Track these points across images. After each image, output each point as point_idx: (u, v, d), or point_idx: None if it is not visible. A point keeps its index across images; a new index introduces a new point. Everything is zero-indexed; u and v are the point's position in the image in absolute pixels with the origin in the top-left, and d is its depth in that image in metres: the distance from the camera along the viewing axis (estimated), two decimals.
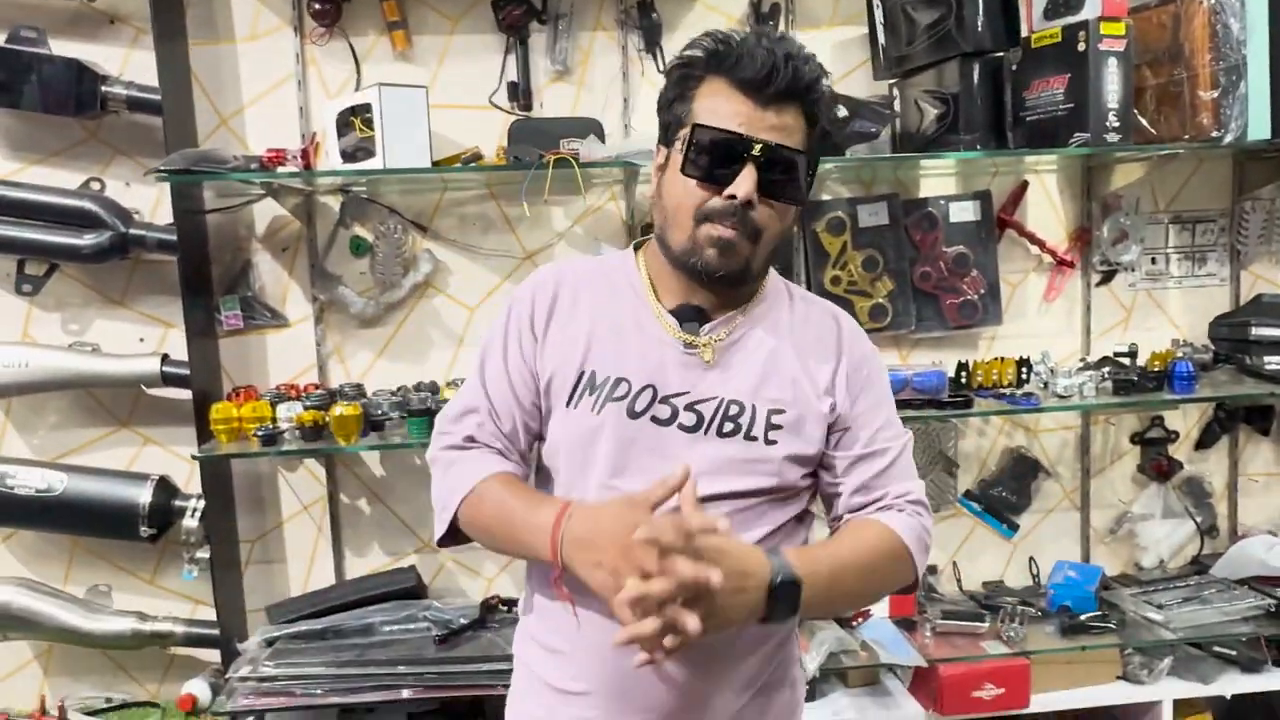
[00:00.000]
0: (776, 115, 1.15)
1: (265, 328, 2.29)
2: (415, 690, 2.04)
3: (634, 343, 1.23)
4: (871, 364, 1.29)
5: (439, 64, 2.26)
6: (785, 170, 1.16)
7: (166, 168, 1.93)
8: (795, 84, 1.14)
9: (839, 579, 1.15)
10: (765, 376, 1.23)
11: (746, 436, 1.20)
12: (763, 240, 1.19)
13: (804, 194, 1.20)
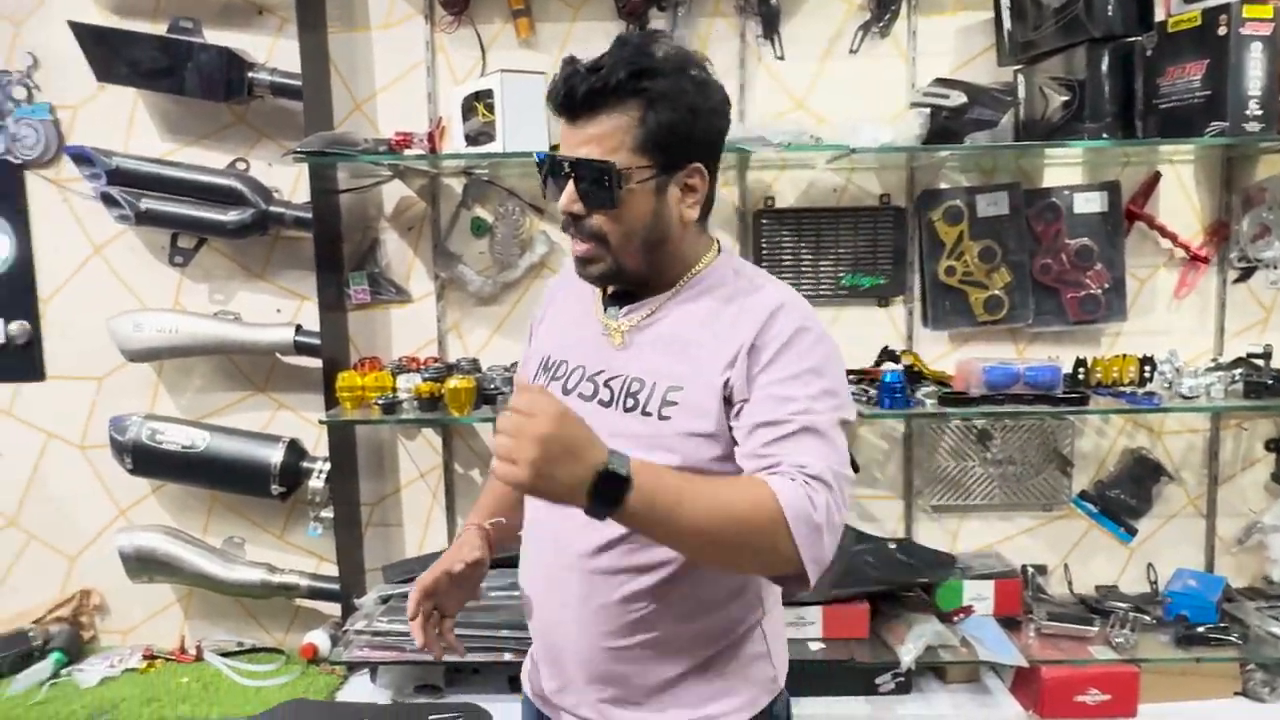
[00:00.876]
0: (588, 128, 1.19)
1: (390, 302, 2.41)
2: (516, 654, 2.13)
3: (575, 327, 1.34)
4: (789, 342, 1.22)
5: (560, 50, 2.32)
6: (594, 180, 1.20)
7: (304, 149, 2.06)
8: (595, 93, 1.18)
9: (681, 506, 1.07)
10: (671, 356, 1.25)
11: (643, 412, 1.23)
12: (614, 243, 1.23)
13: (613, 198, 1.20)
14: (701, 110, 1.22)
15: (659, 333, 1.27)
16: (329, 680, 2.30)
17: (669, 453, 1.20)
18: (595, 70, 1.18)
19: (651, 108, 1.18)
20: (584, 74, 1.18)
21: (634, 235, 1.23)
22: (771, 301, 1.24)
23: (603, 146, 1.19)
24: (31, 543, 2.51)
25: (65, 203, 2.40)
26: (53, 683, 2.28)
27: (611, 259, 1.24)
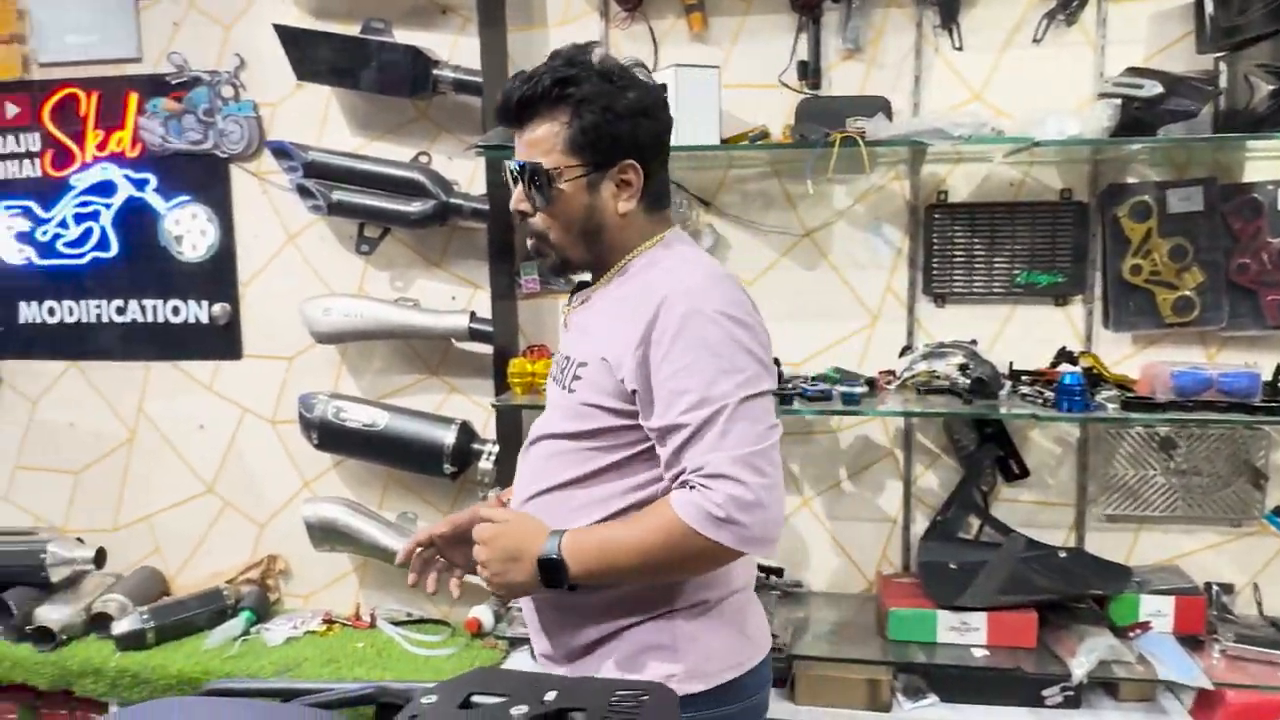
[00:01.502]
0: (529, 134, 1.34)
1: (559, 293, 2.47)
2: None
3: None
4: (678, 331, 1.27)
5: (731, 44, 2.33)
6: (530, 181, 1.34)
7: (485, 143, 2.14)
8: (526, 102, 1.32)
9: (610, 556, 1.28)
10: (588, 337, 1.38)
11: (565, 386, 1.39)
12: (554, 237, 1.36)
13: (547, 197, 1.33)
14: (625, 112, 1.32)
15: (589, 317, 1.40)
16: (491, 654, 2.39)
17: (575, 419, 1.36)
18: (527, 81, 1.32)
19: (577, 112, 1.31)
20: (518, 85, 1.33)
21: (571, 228, 1.36)
22: (659, 293, 1.30)
23: (538, 150, 1.33)
24: (226, 509, 2.71)
25: (264, 194, 2.57)
26: (244, 639, 2.46)
27: (555, 252, 1.38)
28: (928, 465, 2.38)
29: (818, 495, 2.43)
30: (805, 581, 2.43)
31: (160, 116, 2.55)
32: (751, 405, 1.27)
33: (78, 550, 2.57)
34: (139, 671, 2.35)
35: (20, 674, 2.40)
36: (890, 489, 2.39)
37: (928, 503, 2.38)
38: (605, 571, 1.29)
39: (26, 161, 2.65)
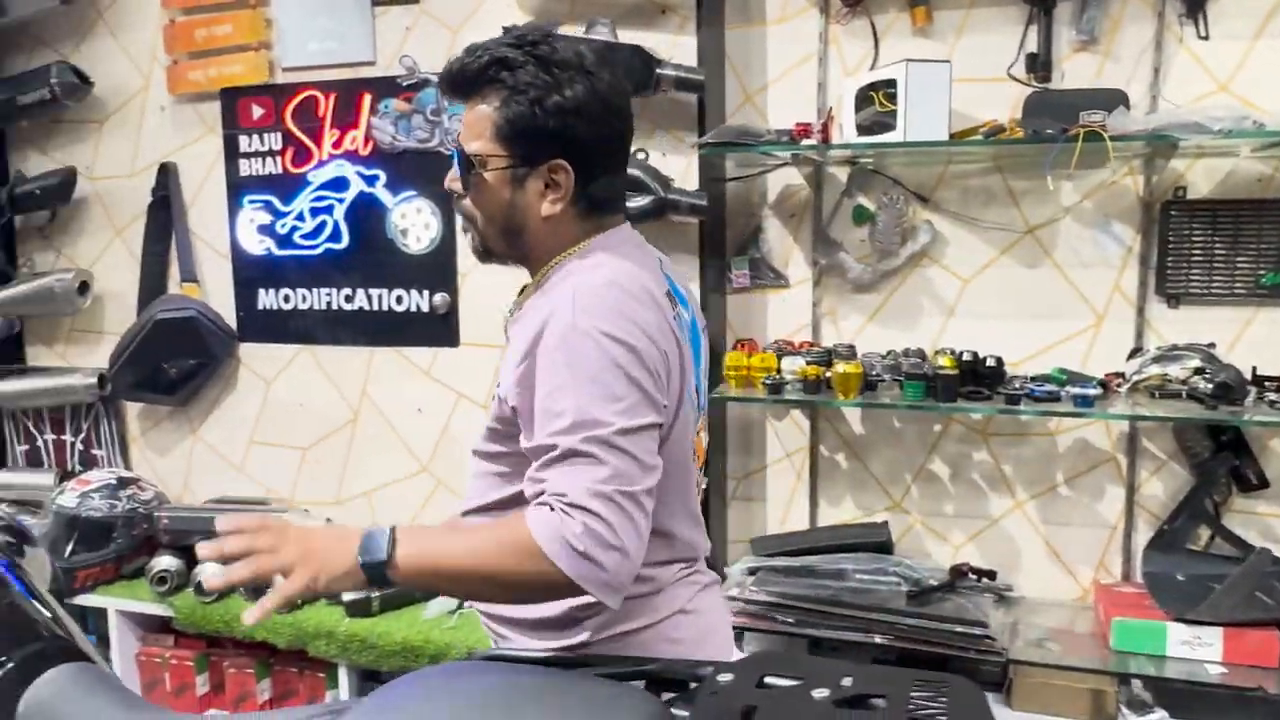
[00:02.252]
0: (468, 112, 1.27)
1: (768, 287, 2.49)
2: (887, 637, 2.15)
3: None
4: (557, 350, 1.18)
5: (956, 38, 2.29)
6: (458, 163, 1.28)
7: (715, 139, 2.18)
8: (463, 80, 1.25)
9: (443, 562, 1.17)
10: (509, 348, 1.30)
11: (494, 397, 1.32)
12: (480, 223, 1.31)
13: (466, 182, 1.28)
14: (556, 109, 1.22)
15: (520, 320, 1.31)
16: None
17: (491, 439, 1.32)
18: (470, 54, 1.25)
19: (507, 100, 1.23)
20: (461, 57, 1.26)
21: (492, 221, 1.30)
22: (551, 303, 1.22)
23: (473, 132, 1.26)
24: (439, 488, 2.86)
25: None
26: (459, 613, 2.59)
27: (479, 239, 1.33)
28: (1153, 472, 2.28)
29: (1031, 499, 2.37)
30: (1015, 585, 2.37)
31: (391, 116, 2.71)
32: (631, 439, 1.15)
33: (308, 521, 2.75)
34: (366, 637, 2.51)
35: (262, 633, 2.60)
36: (1111, 495, 2.31)
37: (1151, 511, 2.28)
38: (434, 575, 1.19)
39: (269, 159, 2.85)
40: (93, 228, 3.11)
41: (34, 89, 2.90)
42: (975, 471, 2.40)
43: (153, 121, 2.99)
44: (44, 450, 3.22)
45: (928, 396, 2.11)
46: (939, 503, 2.43)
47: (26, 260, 3.16)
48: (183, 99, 2.94)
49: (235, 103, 2.86)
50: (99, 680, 1.39)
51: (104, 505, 2.81)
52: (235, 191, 2.90)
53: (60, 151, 3.10)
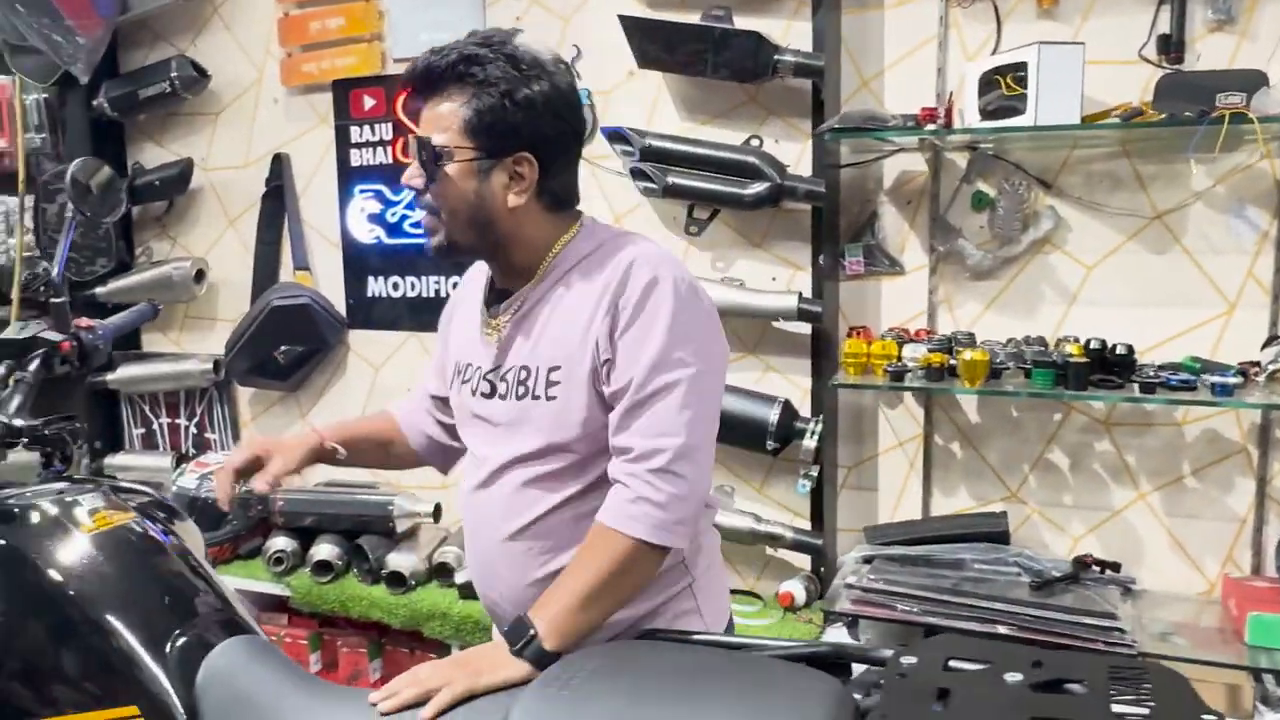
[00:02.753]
0: (430, 108, 1.32)
1: (882, 274, 2.47)
2: (1011, 628, 2.12)
3: (470, 329, 1.44)
4: (643, 298, 1.28)
5: (1083, 20, 2.24)
6: (423, 156, 1.31)
7: (841, 125, 2.16)
8: (429, 78, 1.30)
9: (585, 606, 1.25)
10: (547, 339, 1.34)
11: (533, 396, 1.34)
12: (444, 214, 1.32)
13: (433, 174, 1.31)
14: (525, 103, 1.28)
15: (532, 320, 1.36)
16: (807, 629, 2.43)
17: (551, 433, 1.33)
18: (437, 54, 1.30)
19: (477, 94, 1.28)
20: (428, 56, 1.30)
21: (458, 214, 1.32)
22: (630, 257, 1.31)
23: (437, 127, 1.31)
24: None
25: (594, 177, 2.70)
26: None
27: (445, 233, 1.34)
28: None
29: (1155, 490, 2.31)
30: (1138, 578, 2.32)
31: None
32: (701, 384, 1.29)
33: (418, 505, 2.80)
34: (480, 619, 2.54)
35: (378, 613, 2.65)
36: (1241, 487, 2.25)
37: None
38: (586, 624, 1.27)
39: (380, 149, 2.90)
40: (207, 217, 3.19)
41: (154, 83, 2.99)
42: (1096, 462, 2.35)
43: (266, 113, 3.06)
44: (159, 434, 3.32)
45: (1057, 385, 2.08)
46: (1058, 493, 2.39)
47: (144, 249, 3.26)
48: (295, 91, 3.00)
49: (347, 94, 2.91)
50: (269, 653, 1.43)
51: None
52: (346, 181, 2.96)
53: (176, 143, 3.19)
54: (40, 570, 1.39)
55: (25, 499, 1.49)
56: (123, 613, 1.38)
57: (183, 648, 1.37)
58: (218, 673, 1.35)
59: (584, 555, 1.28)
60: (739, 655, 1.25)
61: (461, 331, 1.48)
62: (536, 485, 1.36)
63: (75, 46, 2.90)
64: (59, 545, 1.42)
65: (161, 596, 1.44)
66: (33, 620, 1.37)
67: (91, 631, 1.36)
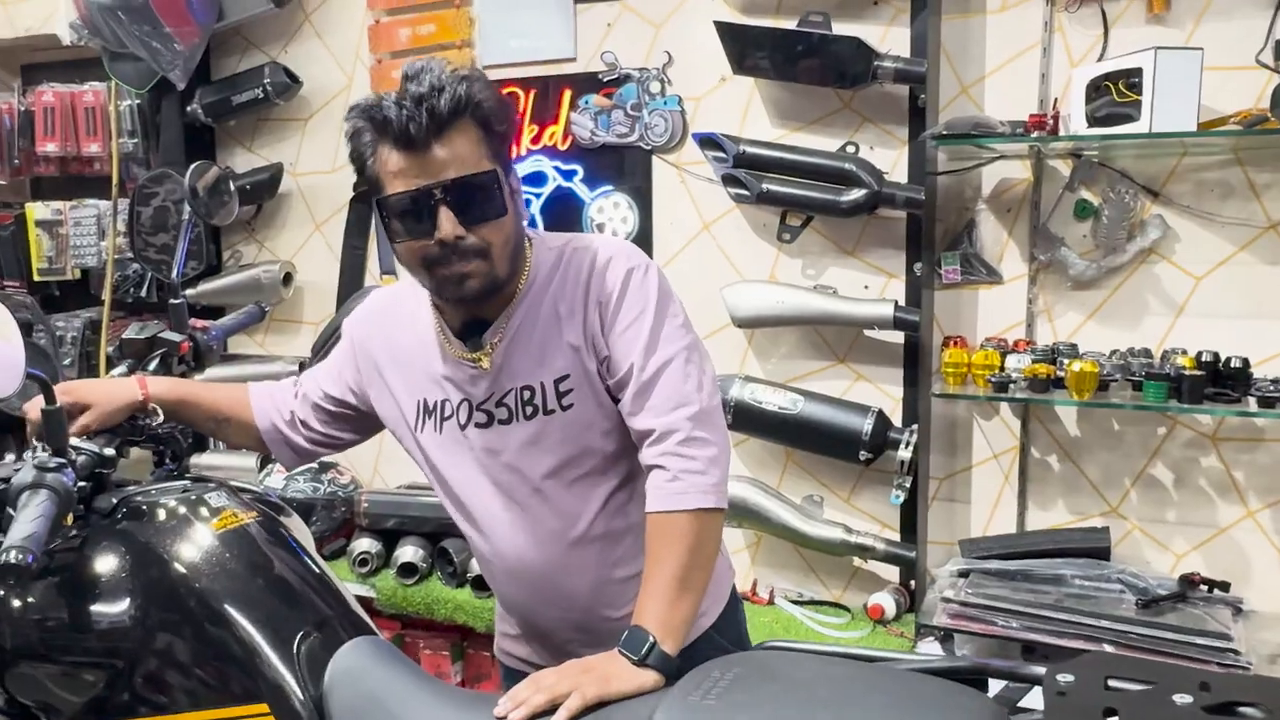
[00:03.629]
0: (441, 150, 1.23)
1: (980, 283, 2.43)
2: (1117, 647, 2.07)
3: (430, 369, 1.41)
4: (623, 289, 1.33)
5: (1195, 24, 2.18)
6: (477, 193, 1.25)
7: (949, 131, 2.13)
8: (436, 119, 1.21)
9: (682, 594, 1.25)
10: (544, 352, 1.35)
11: (545, 412, 1.35)
12: (495, 251, 1.28)
13: (502, 201, 1.28)
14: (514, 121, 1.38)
15: (521, 339, 1.36)
16: (899, 642, 2.39)
17: (574, 442, 1.36)
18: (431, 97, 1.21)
19: (489, 122, 1.27)
20: (416, 105, 1.21)
21: (508, 243, 1.30)
22: (598, 254, 1.35)
23: (469, 162, 1.24)
24: None
25: (683, 184, 2.69)
26: None
27: (491, 268, 1.29)
28: None
29: (1266, 508, 2.24)
30: (1246, 598, 2.25)
31: (591, 111, 2.73)
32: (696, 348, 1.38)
33: None
34: None
35: (463, 616, 2.66)
36: None
37: None
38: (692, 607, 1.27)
39: None
40: (294, 221, 3.23)
41: (248, 89, 3.03)
42: (1202, 477, 2.29)
43: None
44: None
45: (1169, 398, 2.02)
46: (1160, 509, 2.33)
47: (233, 252, 3.31)
48: None
49: None
50: (392, 654, 1.43)
51: (307, 488, 2.92)
52: None
53: (265, 149, 3.23)
54: (171, 566, 1.40)
55: (152, 496, 1.51)
56: (251, 610, 1.39)
57: (309, 647, 1.38)
58: (345, 672, 1.35)
59: (656, 549, 1.28)
60: (877, 668, 1.22)
61: (416, 374, 1.44)
62: (580, 487, 1.39)
63: (173, 53, 2.95)
64: (188, 542, 1.43)
65: (287, 595, 1.45)
66: (164, 616, 1.38)
67: (221, 629, 1.37)
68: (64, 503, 1.32)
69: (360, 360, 1.53)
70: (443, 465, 1.45)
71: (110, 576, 1.41)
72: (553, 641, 1.50)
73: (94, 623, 1.39)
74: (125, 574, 1.40)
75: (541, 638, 1.52)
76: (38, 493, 1.30)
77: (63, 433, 1.39)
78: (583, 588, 1.43)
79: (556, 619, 1.48)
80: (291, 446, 1.64)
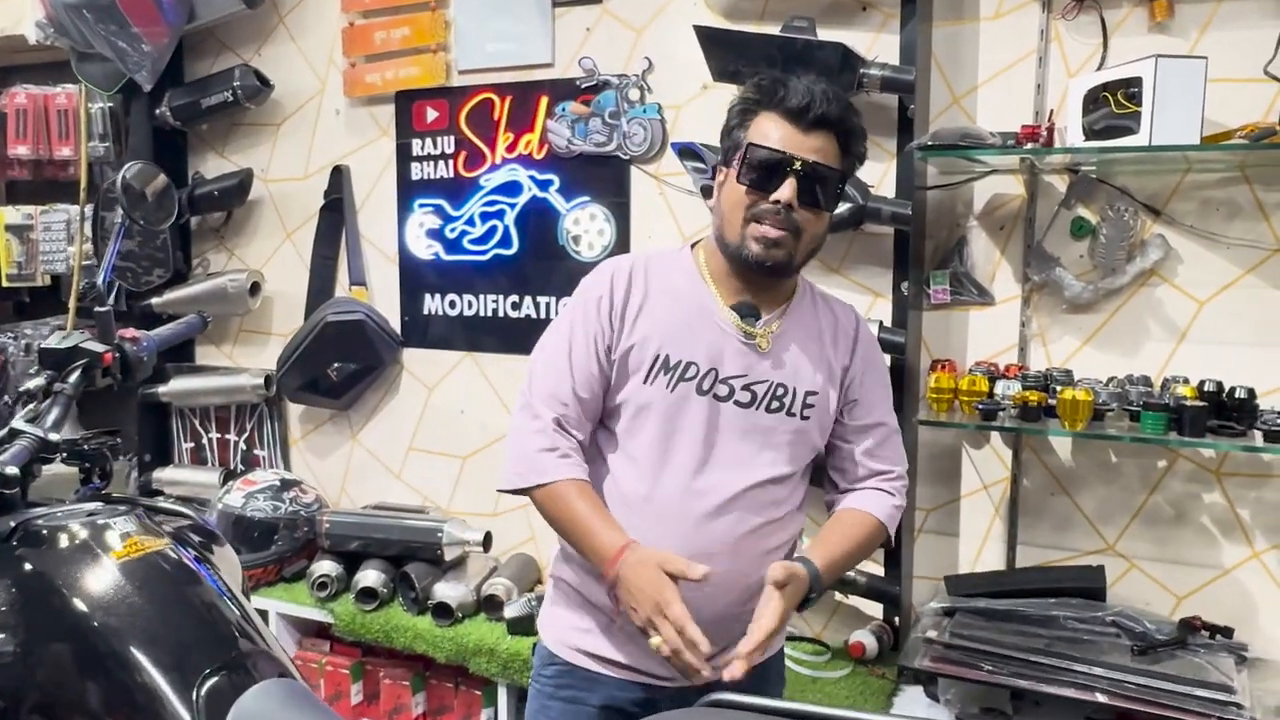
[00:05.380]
0: (814, 139, 1.44)
1: (970, 304, 2.30)
2: (1111, 696, 1.92)
3: (701, 331, 1.50)
4: (878, 352, 1.65)
5: (1200, 33, 2.06)
6: (820, 182, 1.45)
7: (935, 143, 2.01)
8: (828, 114, 1.44)
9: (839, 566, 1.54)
10: (805, 363, 1.53)
11: (788, 413, 1.51)
12: (803, 239, 1.47)
13: (834, 203, 1.49)
14: (865, 153, 1.57)
15: (790, 339, 1.53)
16: (880, 684, 2.25)
17: (803, 446, 1.54)
18: (825, 95, 1.44)
19: (849, 143, 1.49)
20: (820, 95, 1.44)
21: (818, 236, 1.51)
22: (840, 300, 1.67)
23: (826, 159, 1.46)
24: None
25: (662, 195, 2.58)
26: None
27: (794, 249, 1.47)
28: None
29: (1273, 549, 2.10)
30: (1250, 645, 2.11)
31: (568, 119, 2.63)
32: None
33: (468, 532, 2.68)
34: (528, 656, 2.40)
35: (422, 645, 2.53)
36: None
37: None
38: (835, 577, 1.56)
39: (441, 162, 2.81)
40: (265, 229, 3.13)
41: (217, 92, 2.94)
42: (1205, 514, 2.15)
43: (327, 124, 2.99)
44: (208, 449, 3.25)
45: (1169, 430, 1.89)
46: (1160, 547, 2.19)
47: (201, 260, 3.21)
48: (357, 102, 2.93)
49: (410, 106, 2.83)
50: (305, 698, 1.31)
51: (268, 506, 2.80)
52: (406, 195, 2.87)
53: (237, 154, 3.14)
54: (66, 598, 1.29)
55: (55, 520, 1.39)
56: (150, 647, 1.27)
57: (212, 688, 1.26)
58: (249, 718, 1.24)
59: (854, 534, 1.56)
60: None
61: (672, 330, 1.51)
62: (772, 490, 1.53)
63: (141, 54, 2.86)
64: (87, 572, 1.31)
65: (192, 631, 1.33)
66: (56, 651, 1.27)
67: (117, 666, 1.25)
68: None
69: (616, 304, 1.53)
70: (660, 418, 1.50)
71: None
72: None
73: None
74: (10, 605, 1.28)
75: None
76: None
77: None
78: (735, 590, 1.50)
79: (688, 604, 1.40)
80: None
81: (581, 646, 1.60)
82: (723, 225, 1.52)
